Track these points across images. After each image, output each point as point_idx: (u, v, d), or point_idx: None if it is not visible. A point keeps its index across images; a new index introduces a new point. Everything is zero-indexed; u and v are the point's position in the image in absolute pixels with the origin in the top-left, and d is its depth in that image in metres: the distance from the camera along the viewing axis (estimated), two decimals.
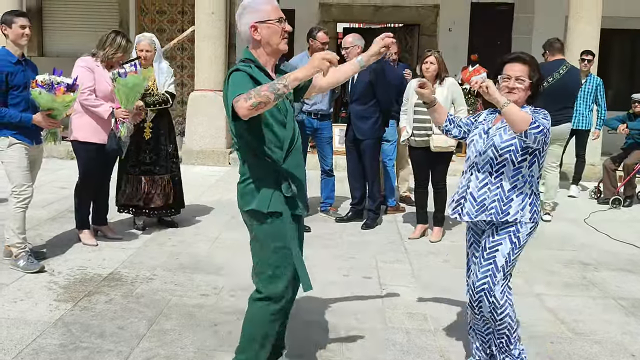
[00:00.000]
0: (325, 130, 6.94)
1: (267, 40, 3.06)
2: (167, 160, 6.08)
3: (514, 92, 3.32)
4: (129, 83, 5.21)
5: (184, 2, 13.02)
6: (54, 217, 6.50)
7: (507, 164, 3.31)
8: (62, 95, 4.61)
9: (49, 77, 4.60)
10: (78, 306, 4.28)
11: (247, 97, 2.76)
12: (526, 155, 3.29)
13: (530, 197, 3.34)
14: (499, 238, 3.35)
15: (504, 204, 3.32)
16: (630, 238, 6.59)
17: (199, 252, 5.60)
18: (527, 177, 3.33)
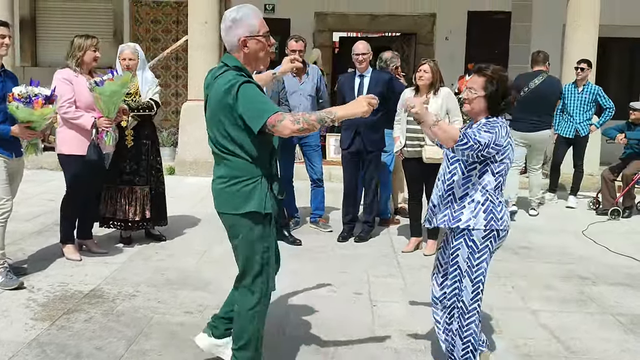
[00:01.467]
0: (311, 138, 6.79)
1: (254, 54, 3.22)
2: (148, 171, 5.93)
3: (466, 102, 3.47)
4: (107, 91, 5.09)
5: (179, 12, 12.94)
6: (40, 231, 6.36)
7: (457, 173, 3.47)
8: (41, 109, 4.49)
9: (25, 89, 4.47)
10: (55, 325, 4.13)
11: (295, 121, 2.97)
12: (475, 164, 3.41)
13: (484, 204, 3.42)
14: (456, 244, 3.51)
15: (454, 211, 3.47)
16: (629, 250, 6.44)
17: (187, 266, 5.45)
18: (478, 186, 3.43)
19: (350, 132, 6.44)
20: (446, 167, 3.53)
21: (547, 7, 12.08)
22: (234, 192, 3.19)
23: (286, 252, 5.97)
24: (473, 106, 3.45)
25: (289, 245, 6.17)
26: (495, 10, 12.71)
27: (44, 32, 13.46)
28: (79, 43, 5.36)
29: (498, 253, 6.05)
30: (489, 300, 4.81)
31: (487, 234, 3.42)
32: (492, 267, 5.63)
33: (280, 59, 6.40)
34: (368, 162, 6.48)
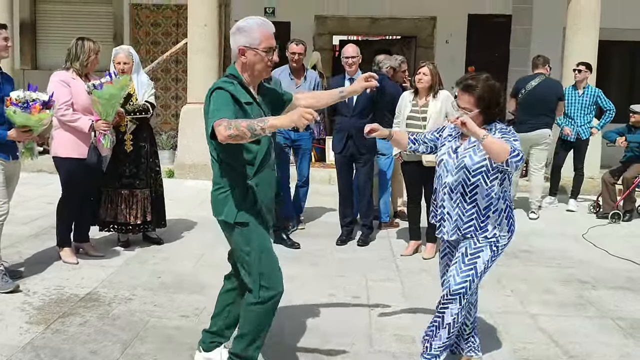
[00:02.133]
0: (303, 142, 6.79)
1: (251, 65, 3.26)
2: (147, 174, 5.91)
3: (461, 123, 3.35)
4: (105, 94, 5.06)
5: (179, 15, 12.91)
6: (37, 234, 6.33)
7: (480, 185, 3.42)
8: (38, 114, 4.47)
9: (23, 93, 4.46)
10: (50, 329, 4.10)
11: (228, 127, 2.95)
12: (497, 174, 3.41)
13: (506, 210, 3.48)
14: (479, 246, 3.47)
15: (481, 222, 3.45)
16: (629, 254, 6.40)
17: (183, 270, 5.42)
18: (499, 194, 3.44)
19: (341, 136, 6.42)
20: (466, 180, 3.45)
21: (548, 11, 12.05)
22: (215, 199, 3.33)
23: (284, 255, 5.93)
24: (471, 123, 3.39)
25: (287, 248, 6.14)
26: (495, 14, 12.66)
27: (44, 35, 13.44)
28: (89, 46, 5.33)
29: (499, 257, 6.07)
30: (488, 304, 4.79)
31: (510, 237, 3.54)
32: (491, 272, 5.61)
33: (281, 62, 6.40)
34: (362, 166, 6.46)
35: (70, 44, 5.42)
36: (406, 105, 6.11)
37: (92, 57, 5.32)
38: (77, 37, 5.43)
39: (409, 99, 6.11)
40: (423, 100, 6.00)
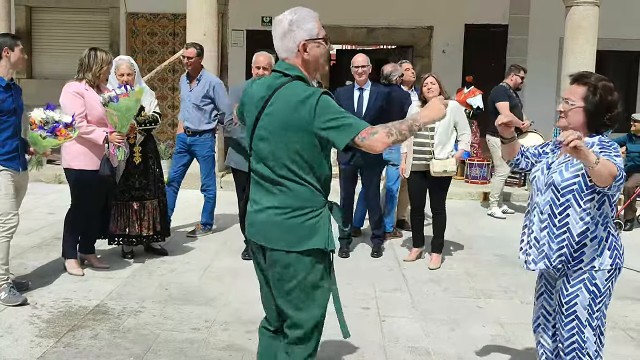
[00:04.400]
0: (197, 147, 6.79)
1: (316, 59, 2.84)
2: (156, 184, 5.88)
3: (562, 115, 3.03)
4: (122, 107, 5.04)
5: (175, 24, 12.90)
6: (40, 245, 6.27)
7: (572, 206, 2.95)
8: (64, 137, 4.50)
9: (44, 114, 4.45)
10: (61, 342, 4.05)
11: (389, 134, 2.64)
12: (593, 194, 2.92)
13: (608, 239, 2.99)
14: (573, 290, 3.01)
15: (574, 251, 2.98)
16: (633, 263, 6.39)
17: (190, 282, 5.38)
18: (597, 218, 2.95)
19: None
20: (555, 199, 3.00)
21: (544, 21, 12.11)
22: (296, 225, 2.73)
23: None
24: (570, 120, 2.98)
25: None
26: (492, 24, 12.72)
27: (39, 44, 13.37)
28: (102, 57, 5.30)
29: (505, 267, 6.09)
30: (499, 315, 4.78)
31: (611, 274, 3.00)
32: (498, 281, 5.64)
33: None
34: (370, 177, 6.41)
35: (82, 54, 5.37)
36: None
37: (105, 67, 5.29)
38: (90, 48, 5.39)
39: (417, 110, 6.12)
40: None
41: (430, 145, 5.94)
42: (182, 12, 10.76)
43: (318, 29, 2.85)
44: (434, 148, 5.95)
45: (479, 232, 7.47)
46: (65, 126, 4.54)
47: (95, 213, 5.50)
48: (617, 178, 2.78)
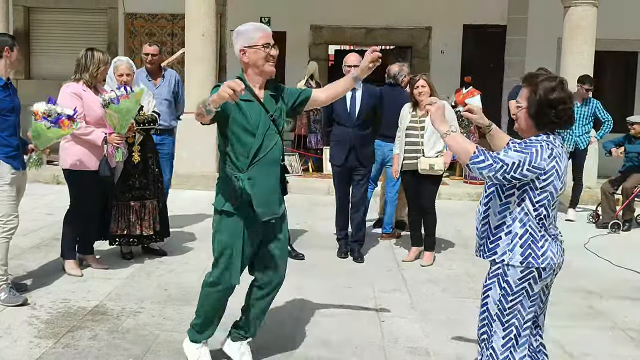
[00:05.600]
0: (165, 146, 6.66)
1: (253, 62, 3.54)
2: (155, 183, 5.88)
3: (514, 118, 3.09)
4: (123, 109, 5.03)
5: (174, 25, 12.91)
6: (38, 246, 6.26)
7: (494, 198, 3.02)
8: (67, 129, 4.50)
9: (47, 107, 4.45)
10: (60, 343, 4.04)
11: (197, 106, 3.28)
12: (513, 189, 2.94)
13: (523, 237, 2.94)
14: (488, 283, 3.07)
15: (490, 242, 3.05)
16: (632, 264, 6.41)
17: (189, 282, 5.36)
18: (517, 214, 2.95)
19: (342, 147, 6.26)
20: (484, 190, 3.11)
21: (543, 21, 12.13)
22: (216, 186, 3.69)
23: (289, 267, 5.90)
24: (519, 122, 3.00)
25: (291, 259, 6.10)
26: (490, 24, 12.76)
27: (37, 45, 13.38)
28: (99, 57, 5.29)
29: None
30: None
31: (525, 274, 2.95)
32: None
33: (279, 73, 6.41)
34: (359, 179, 6.34)
35: (79, 54, 5.37)
36: (406, 117, 6.19)
37: (102, 68, 5.29)
38: (86, 48, 5.39)
39: (409, 111, 6.18)
40: (423, 111, 6.02)
41: (421, 144, 6.00)
42: (180, 13, 10.78)
43: (258, 38, 3.50)
44: (424, 147, 6.00)
45: None
46: (67, 118, 4.54)
47: (94, 214, 5.49)
48: (474, 160, 2.88)
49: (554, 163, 2.88)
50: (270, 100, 3.63)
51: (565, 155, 2.99)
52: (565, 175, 2.98)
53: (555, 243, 3.02)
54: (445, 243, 6.93)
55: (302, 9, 12.57)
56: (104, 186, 5.44)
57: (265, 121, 3.54)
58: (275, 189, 3.65)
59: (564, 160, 2.95)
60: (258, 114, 3.51)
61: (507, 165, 2.84)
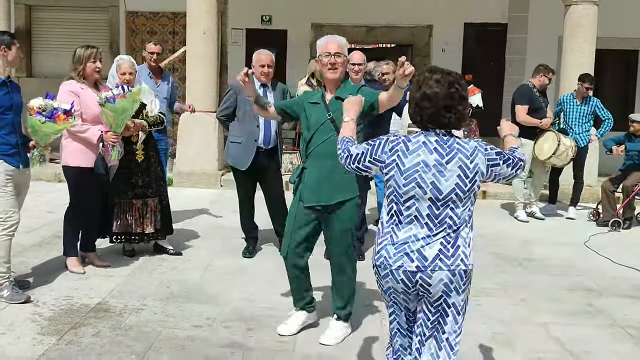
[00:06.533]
0: (162, 142, 6.73)
1: (320, 70, 4.33)
2: (157, 182, 5.91)
3: None
4: (119, 108, 5.04)
5: (175, 23, 12.90)
6: (40, 243, 6.28)
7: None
8: (63, 124, 4.50)
9: (43, 102, 4.46)
10: (63, 340, 4.06)
11: None
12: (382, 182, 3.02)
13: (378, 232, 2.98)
14: None
15: None
16: (632, 261, 6.43)
17: (191, 280, 5.39)
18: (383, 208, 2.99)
19: None
20: None
21: (543, 19, 12.12)
22: None
23: None
24: None
25: None
26: (491, 22, 12.75)
27: (39, 43, 13.39)
28: (78, 55, 5.30)
29: (502, 266, 6.11)
30: (498, 314, 4.80)
31: (374, 270, 2.93)
32: (497, 280, 5.65)
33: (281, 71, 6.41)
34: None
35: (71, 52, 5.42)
36: (406, 116, 6.16)
37: (86, 63, 5.24)
38: (76, 48, 5.41)
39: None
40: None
41: None
42: (181, 11, 10.79)
43: (321, 48, 4.25)
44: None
45: (478, 230, 7.44)
46: (64, 112, 4.55)
47: (94, 211, 5.50)
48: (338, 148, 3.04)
49: (395, 157, 2.83)
50: (336, 103, 4.03)
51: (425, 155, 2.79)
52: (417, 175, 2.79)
53: (394, 247, 2.83)
54: None
55: (303, 8, 12.57)
56: (103, 183, 5.45)
57: (322, 119, 4.07)
58: (327, 180, 4.07)
59: (414, 158, 2.80)
60: (319, 114, 4.09)
61: (351, 156, 2.96)
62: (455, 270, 2.80)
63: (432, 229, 2.79)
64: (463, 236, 2.83)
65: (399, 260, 2.81)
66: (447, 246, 2.79)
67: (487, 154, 2.84)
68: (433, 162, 2.78)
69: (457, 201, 2.79)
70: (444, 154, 2.79)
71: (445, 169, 2.77)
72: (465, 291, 2.89)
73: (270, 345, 4.13)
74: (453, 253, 2.80)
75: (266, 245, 6.45)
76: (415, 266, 2.78)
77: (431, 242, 2.79)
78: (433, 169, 2.78)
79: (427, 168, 2.78)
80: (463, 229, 2.83)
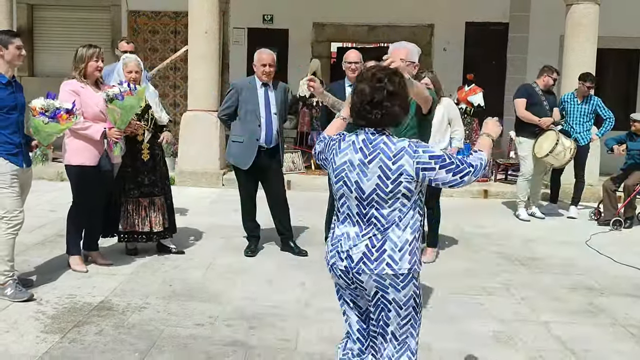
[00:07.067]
0: None
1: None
2: (163, 180, 5.94)
3: None
4: (127, 105, 5.07)
5: (177, 22, 12.94)
6: (43, 242, 6.30)
7: None
8: (65, 123, 4.53)
9: (45, 102, 4.48)
10: (67, 338, 4.08)
11: None
12: None
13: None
14: None
15: None
16: (633, 261, 6.44)
17: (193, 278, 5.41)
18: None
19: None
20: None
21: (545, 18, 12.14)
22: None
23: (292, 263, 5.97)
24: None
25: (294, 256, 6.16)
26: (492, 21, 12.76)
27: (41, 42, 13.42)
28: (81, 54, 5.31)
29: (504, 264, 6.12)
30: (500, 312, 4.82)
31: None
32: (499, 279, 5.67)
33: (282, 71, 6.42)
34: None
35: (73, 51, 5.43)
36: None
37: (87, 63, 5.25)
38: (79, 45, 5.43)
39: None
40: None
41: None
42: (183, 10, 10.81)
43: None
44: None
45: (480, 229, 7.50)
46: (66, 112, 4.57)
47: (96, 209, 5.52)
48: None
49: (331, 156, 2.86)
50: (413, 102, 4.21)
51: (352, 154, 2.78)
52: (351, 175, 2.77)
53: (331, 244, 2.89)
54: (447, 240, 6.96)
55: (305, 7, 12.59)
56: (106, 181, 5.48)
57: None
58: None
59: (343, 157, 2.80)
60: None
61: (316, 153, 3.01)
62: (381, 274, 2.74)
63: (362, 227, 2.79)
64: (393, 239, 2.75)
65: (332, 257, 2.86)
66: (371, 249, 2.75)
67: (417, 157, 2.70)
68: (357, 161, 2.76)
69: (380, 202, 2.74)
70: (367, 153, 2.75)
71: (368, 169, 2.74)
72: (407, 287, 2.79)
73: (272, 343, 4.15)
74: (377, 257, 2.74)
75: (268, 244, 6.47)
76: (344, 266, 2.80)
77: (359, 242, 2.78)
78: (357, 168, 2.76)
79: (352, 167, 2.77)
80: (392, 230, 2.75)
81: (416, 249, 2.80)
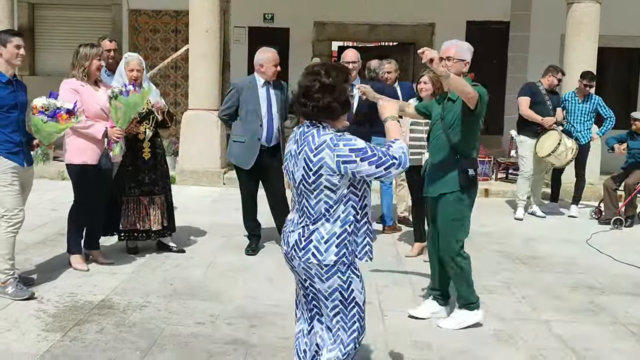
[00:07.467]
0: None
1: None
2: (163, 179, 5.94)
3: None
4: (131, 103, 5.09)
5: (177, 21, 12.94)
6: (44, 241, 6.31)
7: None
8: (65, 123, 4.53)
9: (47, 101, 4.48)
10: (68, 336, 4.09)
11: None
12: None
13: None
14: None
15: None
16: (634, 259, 6.44)
17: (194, 277, 5.42)
18: None
19: None
20: None
21: (546, 17, 12.12)
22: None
23: None
24: None
25: None
26: (493, 20, 12.74)
27: (42, 41, 13.43)
28: (85, 52, 5.31)
29: (505, 263, 6.13)
30: (501, 311, 4.82)
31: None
32: (500, 278, 5.67)
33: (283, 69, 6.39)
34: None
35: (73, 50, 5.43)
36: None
37: (92, 62, 5.26)
38: (79, 45, 5.42)
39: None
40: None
41: (424, 140, 6.02)
42: (184, 9, 10.82)
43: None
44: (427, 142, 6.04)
45: (481, 228, 7.50)
46: (67, 112, 4.57)
47: (97, 208, 5.52)
48: None
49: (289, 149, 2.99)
50: (448, 103, 4.46)
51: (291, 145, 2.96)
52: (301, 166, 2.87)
53: (284, 228, 3.08)
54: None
55: (306, 6, 12.58)
56: (107, 180, 5.48)
57: (437, 117, 4.52)
58: (439, 169, 4.42)
59: (288, 147, 2.99)
60: (438, 113, 4.52)
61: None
62: (307, 262, 2.88)
63: (299, 215, 2.95)
64: (321, 231, 2.86)
65: (281, 241, 3.07)
66: (301, 239, 2.90)
67: (337, 150, 2.77)
68: (293, 152, 2.92)
69: (307, 192, 2.86)
70: (299, 145, 2.89)
71: (298, 160, 2.88)
72: (331, 279, 2.88)
73: (273, 342, 4.15)
74: (304, 246, 2.88)
75: (269, 243, 6.47)
76: (285, 251, 3.00)
77: (295, 229, 2.95)
78: (292, 158, 2.92)
79: (290, 157, 2.94)
80: (322, 223, 2.86)
81: (347, 242, 2.88)
